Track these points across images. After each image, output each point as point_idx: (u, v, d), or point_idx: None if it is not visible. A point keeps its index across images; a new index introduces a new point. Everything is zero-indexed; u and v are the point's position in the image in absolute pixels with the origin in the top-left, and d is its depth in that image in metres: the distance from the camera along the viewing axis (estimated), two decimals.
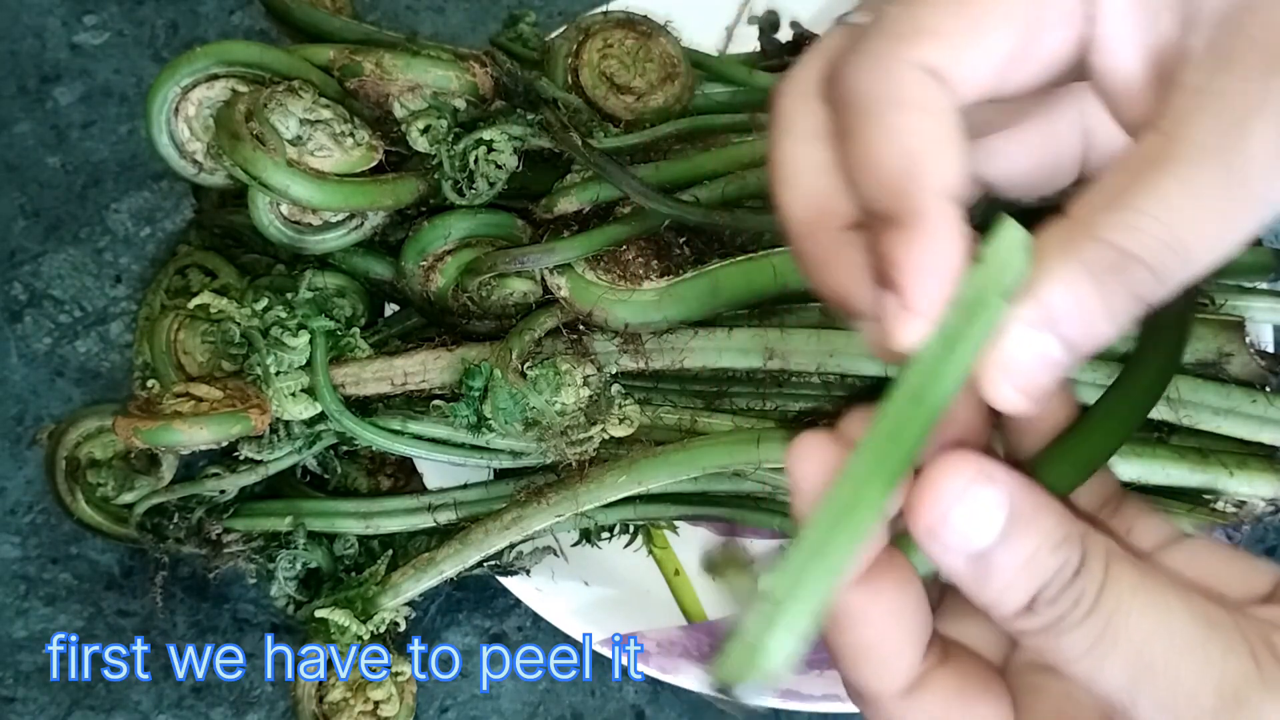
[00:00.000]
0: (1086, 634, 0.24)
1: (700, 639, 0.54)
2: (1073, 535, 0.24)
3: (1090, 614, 0.24)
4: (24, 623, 0.57)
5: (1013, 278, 0.23)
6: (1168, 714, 0.23)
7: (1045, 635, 0.24)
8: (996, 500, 0.24)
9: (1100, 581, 0.24)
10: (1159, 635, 0.23)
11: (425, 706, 0.56)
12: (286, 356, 0.47)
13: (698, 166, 0.50)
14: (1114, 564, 0.24)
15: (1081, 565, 0.24)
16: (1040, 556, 0.24)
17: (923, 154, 0.23)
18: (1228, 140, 0.22)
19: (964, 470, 0.24)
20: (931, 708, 0.26)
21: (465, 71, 0.48)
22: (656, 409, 0.50)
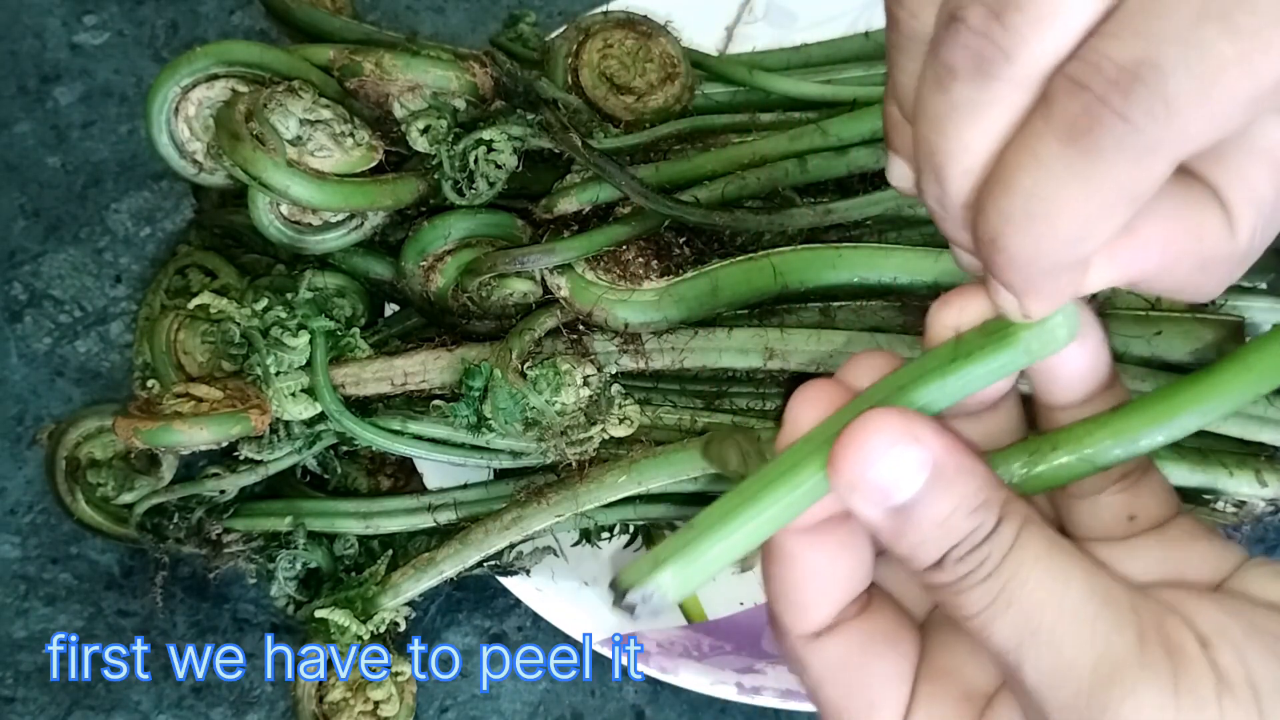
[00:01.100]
0: (984, 593, 0.25)
1: (700, 639, 0.54)
2: (992, 500, 0.25)
3: (990, 576, 0.25)
4: (24, 623, 0.57)
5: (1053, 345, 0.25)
6: (1046, 679, 0.24)
7: (949, 590, 0.25)
8: (919, 459, 0.25)
9: (1007, 547, 0.25)
10: (1050, 604, 0.24)
11: (425, 706, 0.56)
12: (286, 357, 0.47)
13: (698, 166, 0.50)
14: (1025, 532, 0.25)
15: (994, 530, 0.25)
16: (956, 518, 0.25)
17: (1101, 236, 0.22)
18: None
19: (890, 426, 0.24)
20: (833, 656, 0.28)
21: (465, 71, 0.48)
22: (656, 409, 0.50)
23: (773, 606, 0.28)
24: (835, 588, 0.28)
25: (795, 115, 0.52)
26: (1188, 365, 0.46)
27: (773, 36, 0.60)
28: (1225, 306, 0.48)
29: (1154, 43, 0.20)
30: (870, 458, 0.24)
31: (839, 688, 0.28)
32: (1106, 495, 0.29)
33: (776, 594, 0.28)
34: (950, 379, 0.25)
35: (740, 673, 0.52)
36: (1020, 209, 0.22)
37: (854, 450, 0.24)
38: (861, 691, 0.28)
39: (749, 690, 0.51)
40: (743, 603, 0.56)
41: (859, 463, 0.24)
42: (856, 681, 0.28)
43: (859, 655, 0.28)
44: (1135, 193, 0.21)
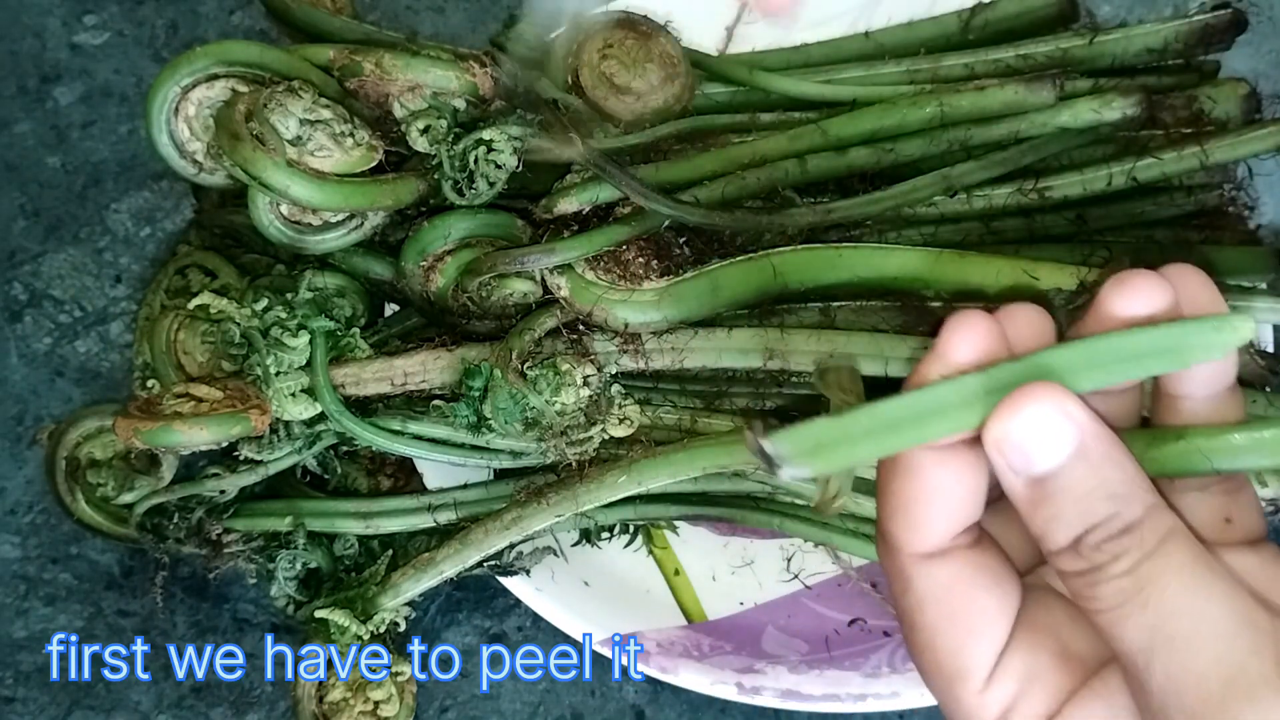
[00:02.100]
0: (1120, 589, 0.25)
1: (700, 639, 0.54)
2: (1135, 495, 0.26)
3: (1129, 573, 0.25)
4: (24, 623, 0.57)
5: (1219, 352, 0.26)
6: (1175, 685, 0.24)
7: (1082, 579, 0.26)
8: (1067, 433, 0.26)
9: (1149, 549, 0.25)
10: (1188, 613, 0.25)
11: (425, 706, 0.56)
12: (286, 357, 0.47)
13: (698, 166, 0.50)
14: (1172, 539, 0.25)
15: (1133, 525, 0.25)
16: (1093, 499, 0.26)
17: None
18: None
19: (1045, 397, 0.26)
20: (941, 577, 0.28)
21: (465, 71, 0.48)
22: (656, 409, 0.50)
23: (886, 524, 0.29)
24: (955, 508, 0.28)
25: (795, 115, 0.52)
26: None
27: (773, 36, 0.60)
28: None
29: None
30: (1020, 421, 0.26)
31: (942, 611, 0.28)
32: (1209, 494, 0.29)
33: (895, 508, 0.29)
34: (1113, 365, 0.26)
35: (740, 673, 0.52)
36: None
37: (1008, 412, 0.26)
38: (964, 618, 0.28)
39: (749, 690, 0.51)
40: (743, 603, 0.56)
41: (1009, 424, 0.26)
42: (960, 608, 0.28)
43: (966, 584, 0.28)
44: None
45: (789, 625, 0.55)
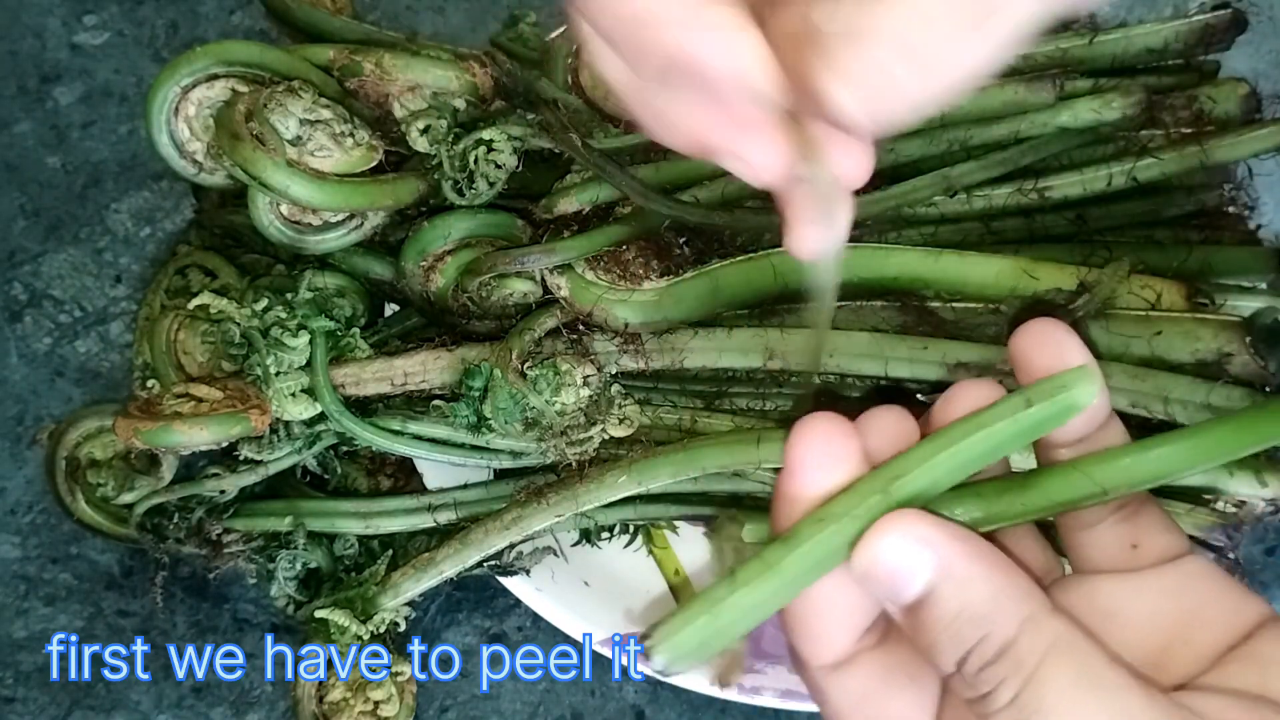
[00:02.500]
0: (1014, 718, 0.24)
1: None
2: (1005, 611, 0.25)
3: (1012, 704, 0.24)
4: (24, 623, 0.57)
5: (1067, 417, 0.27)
6: None
7: (976, 706, 0.25)
8: (924, 560, 0.26)
9: (1028, 674, 0.24)
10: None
11: (425, 706, 0.56)
12: (286, 357, 0.47)
13: (698, 166, 0.50)
14: (1050, 659, 0.25)
15: (1007, 647, 0.25)
16: (961, 623, 0.25)
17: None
18: None
19: (900, 528, 0.26)
20: (853, 685, 0.28)
21: (465, 71, 0.48)
22: (656, 409, 0.50)
23: (790, 640, 0.29)
24: (849, 615, 0.28)
25: None
26: (1187, 365, 0.46)
27: None
28: (1225, 306, 0.47)
29: None
30: (880, 556, 0.26)
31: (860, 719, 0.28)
32: (1107, 525, 0.30)
33: (792, 626, 0.28)
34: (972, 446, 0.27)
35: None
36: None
37: (867, 548, 0.26)
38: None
39: (749, 690, 0.51)
40: None
41: (871, 561, 0.26)
42: (877, 714, 0.28)
43: (879, 686, 0.28)
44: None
45: None
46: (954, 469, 0.27)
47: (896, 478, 0.27)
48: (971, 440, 0.27)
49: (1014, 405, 0.27)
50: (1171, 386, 0.45)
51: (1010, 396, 0.27)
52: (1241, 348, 0.45)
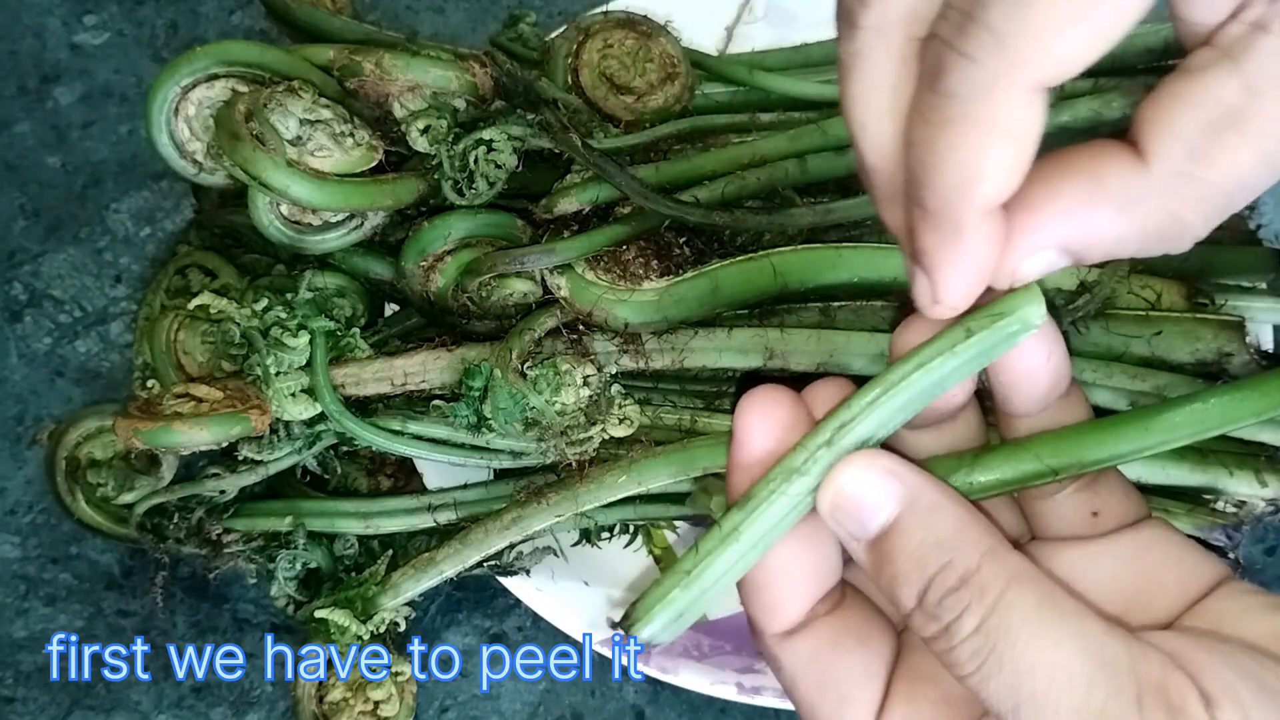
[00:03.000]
0: (974, 651, 0.25)
1: (700, 639, 0.54)
2: (967, 541, 0.26)
3: (978, 632, 0.24)
4: (24, 623, 0.57)
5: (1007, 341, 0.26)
6: None
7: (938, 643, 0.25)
8: (890, 489, 0.26)
9: (991, 602, 0.25)
10: (1042, 668, 0.24)
11: (425, 706, 0.56)
12: (286, 357, 0.47)
13: (698, 166, 0.50)
14: (1013, 588, 0.25)
15: (969, 575, 0.25)
16: (924, 551, 0.26)
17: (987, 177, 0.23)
18: None
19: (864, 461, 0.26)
20: (804, 651, 0.28)
21: (465, 71, 0.48)
22: (656, 409, 0.50)
23: (746, 608, 0.29)
24: (802, 584, 0.28)
25: (795, 115, 0.52)
26: (1187, 365, 0.46)
27: (773, 36, 0.60)
28: (1225, 306, 0.48)
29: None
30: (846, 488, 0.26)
31: (810, 683, 0.28)
32: (1066, 494, 0.30)
33: (747, 594, 0.29)
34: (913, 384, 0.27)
35: (740, 673, 0.52)
36: (916, 161, 0.23)
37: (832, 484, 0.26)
38: (832, 686, 0.28)
39: (749, 690, 0.51)
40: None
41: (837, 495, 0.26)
42: (827, 677, 0.28)
43: (829, 651, 0.28)
44: (1001, 126, 0.22)
45: None
46: (897, 410, 0.27)
47: (841, 426, 0.27)
48: (911, 379, 0.26)
49: (953, 337, 0.26)
50: (1171, 386, 0.45)
51: (949, 328, 0.26)
52: (1241, 347, 0.45)
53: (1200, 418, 0.28)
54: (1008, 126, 0.22)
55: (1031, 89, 0.22)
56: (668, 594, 0.28)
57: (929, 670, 0.29)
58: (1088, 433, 0.28)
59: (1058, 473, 0.28)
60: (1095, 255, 0.25)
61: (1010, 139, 0.22)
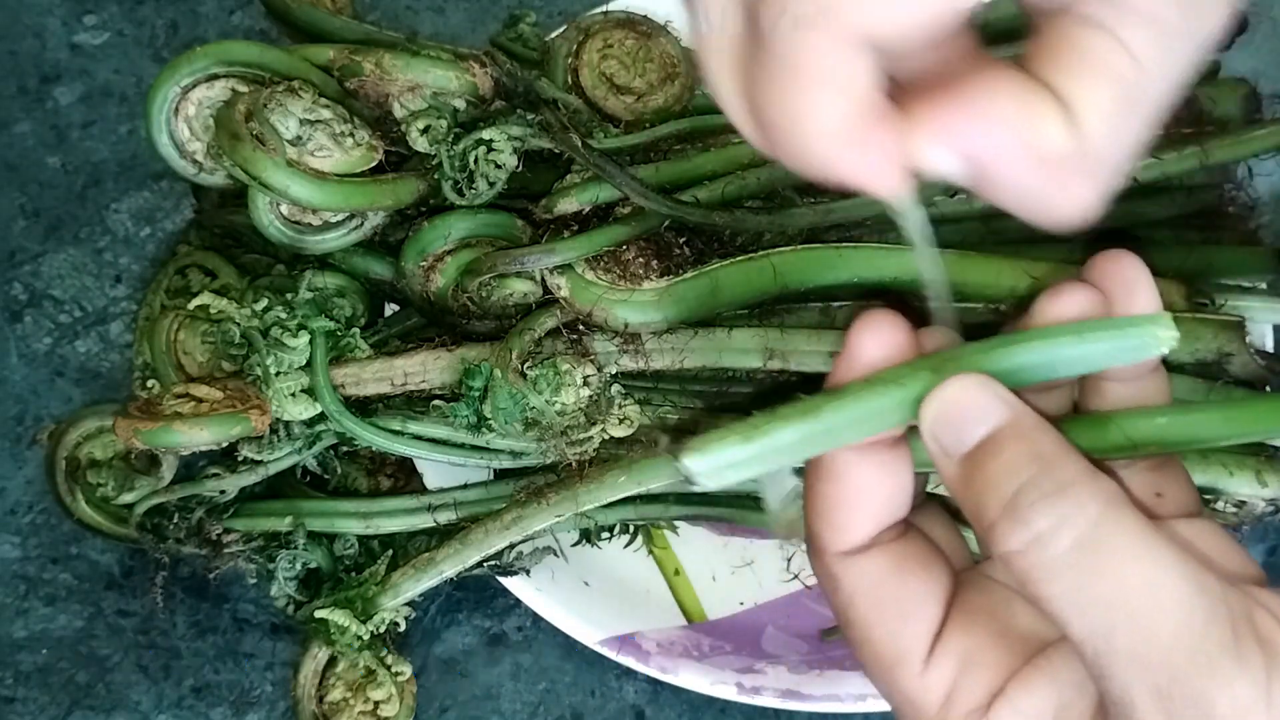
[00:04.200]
0: (1068, 563, 0.24)
1: (700, 639, 0.54)
2: (1067, 459, 0.26)
3: (1075, 546, 0.24)
4: (24, 623, 0.57)
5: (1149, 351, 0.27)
6: (1139, 664, 0.24)
7: (1025, 555, 0.25)
8: (996, 408, 0.26)
9: (1093, 516, 0.24)
10: (1146, 585, 0.24)
11: (425, 706, 0.56)
12: (286, 357, 0.47)
13: (698, 167, 0.50)
14: (1115, 508, 0.25)
15: (1067, 487, 0.25)
16: (1022, 460, 0.26)
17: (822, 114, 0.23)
18: None
19: (975, 380, 0.27)
20: (868, 569, 0.29)
21: (465, 71, 0.48)
22: (657, 409, 0.50)
23: (811, 524, 0.29)
24: (876, 506, 0.29)
25: None
26: (1187, 365, 0.46)
27: None
28: (1225, 306, 0.48)
29: None
30: (952, 399, 0.27)
31: (871, 601, 0.29)
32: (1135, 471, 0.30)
33: (818, 510, 0.29)
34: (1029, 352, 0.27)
35: (740, 673, 0.52)
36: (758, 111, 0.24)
37: (941, 393, 0.27)
38: (894, 604, 0.28)
39: (749, 690, 0.51)
40: (742, 603, 0.56)
41: (943, 404, 0.27)
42: (889, 595, 0.28)
43: (893, 573, 0.29)
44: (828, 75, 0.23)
45: (789, 625, 0.55)
46: (1007, 370, 0.27)
47: (950, 361, 0.27)
48: (1030, 347, 0.27)
49: (1087, 327, 0.27)
50: (1171, 387, 0.45)
51: (1089, 320, 0.27)
52: (1241, 348, 0.45)
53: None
54: (829, 76, 0.23)
55: (853, 42, 0.23)
56: (727, 438, 0.27)
57: (988, 605, 0.29)
58: (1173, 415, 0.29)
59: (1138, 448, 0.28)
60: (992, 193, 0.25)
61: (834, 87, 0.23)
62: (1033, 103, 0.23)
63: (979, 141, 0.24)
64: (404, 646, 0.55)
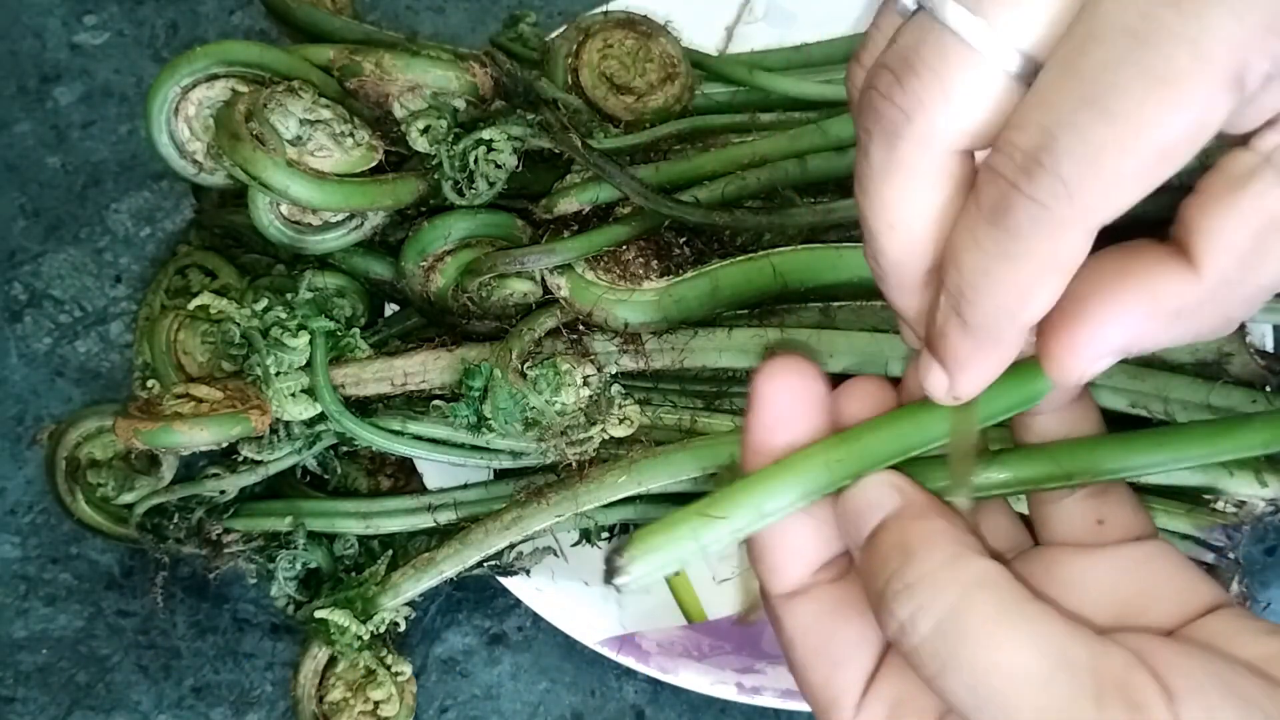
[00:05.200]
0: (931, 652, 0.25)
1: (700, 639, 0.54)
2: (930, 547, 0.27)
3: (935, 632, 0.25)
4: (24, 623, 0.57)
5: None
6: None
7: (900, 642, 0.26)
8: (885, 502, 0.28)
9: (949, 604, 0.25)
10: (1001, 668, 0.24)
11: (425, 706, 0.56)
12: (286, 357, 0.47)
13: (698, 167, 0.50)
14: (973, 592, 0.25)
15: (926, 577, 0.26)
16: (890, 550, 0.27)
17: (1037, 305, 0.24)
18: None
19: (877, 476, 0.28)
20: (805, 613, 0.30)
21: (465, 71, 0.48)
22: (656, 409, 0.50)
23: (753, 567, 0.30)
24: (806, 548, 0.30)
25: (795, 115, 0.52)
26: (1187, 365, 0.46)
27: (773, 36, 0.60)
28: None
29: (1048, 131, 0.22)
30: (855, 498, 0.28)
31: (809, 645, 0.29)
32: (1074, 500, 0.31)
33: (755, 553, 0.30)
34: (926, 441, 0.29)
35: (740, 673, 0.52)
36: (965, 282, 0.25)
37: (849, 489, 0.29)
38: (828, 650, 0.29)
39: (749, 690, 0.51)
40: None
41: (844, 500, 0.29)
42: (824, 640, 0.29)
43: (829, 616, 0.29)
44: (1059, 263, 0.24)
45: None
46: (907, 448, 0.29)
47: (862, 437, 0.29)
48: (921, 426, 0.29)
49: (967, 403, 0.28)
50: (1171, 386, 0.45)
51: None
52: (1241, 348, 0.45)
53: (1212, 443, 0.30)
54: (1063, 262, 0.24)
55: (1090, 231, 0.23)
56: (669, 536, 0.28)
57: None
58: (1104, 444, 0.30)
59: (1071, 477, 0.29)
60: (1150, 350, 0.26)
61: (1063, 272, 0.24)
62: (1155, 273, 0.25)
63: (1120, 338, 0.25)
64: (404, 646, 0.55)
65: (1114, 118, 0.22)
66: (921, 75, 0.24)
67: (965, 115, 0.24)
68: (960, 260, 0.25)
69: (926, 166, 0.25)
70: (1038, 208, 0.23)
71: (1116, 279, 0.25)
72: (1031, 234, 0.23)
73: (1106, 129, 0.22)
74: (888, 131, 0.24)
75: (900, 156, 0.25)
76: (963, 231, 0.24)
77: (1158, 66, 0.21)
